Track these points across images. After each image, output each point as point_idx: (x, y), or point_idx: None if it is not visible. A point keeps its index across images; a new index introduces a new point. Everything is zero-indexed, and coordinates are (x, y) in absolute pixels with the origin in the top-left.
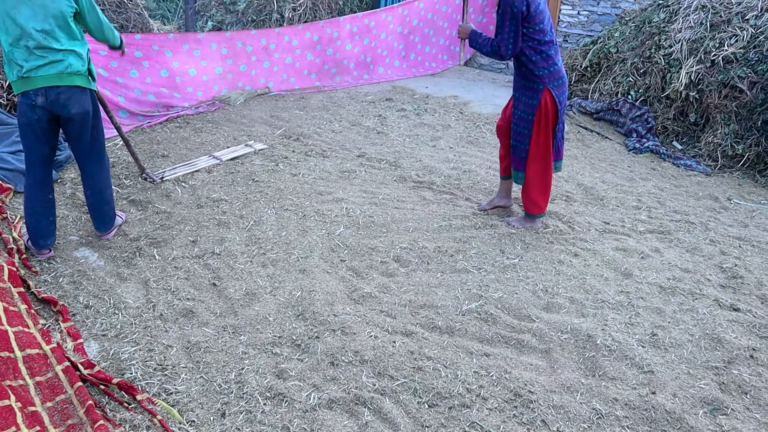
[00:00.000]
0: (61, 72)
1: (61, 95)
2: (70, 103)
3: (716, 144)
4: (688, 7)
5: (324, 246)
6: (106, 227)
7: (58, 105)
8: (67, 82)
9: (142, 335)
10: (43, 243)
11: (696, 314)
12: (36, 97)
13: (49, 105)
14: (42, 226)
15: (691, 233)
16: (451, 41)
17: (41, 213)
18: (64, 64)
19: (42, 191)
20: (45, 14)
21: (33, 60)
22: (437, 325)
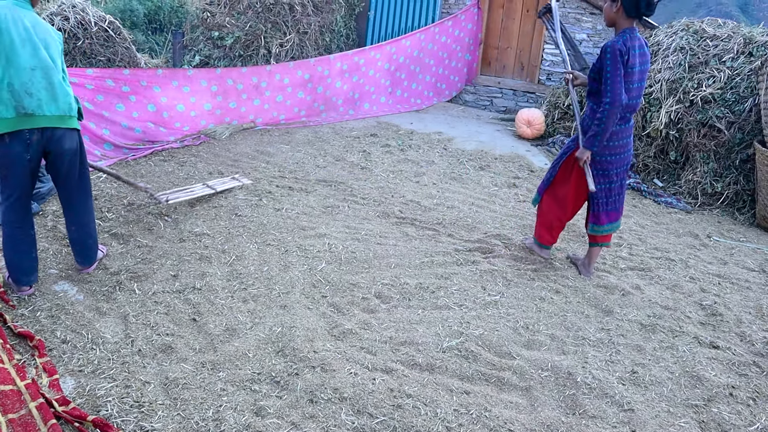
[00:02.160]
0: (62, 116)
1: (56, 132)
2: (64, 140)
3: (696, 182)
4: (667, 48)
5: (305, 281)
6: (89, 261)
7: (53, 141)
8: (67, 125)
9: (120, 371)
10: (25, 280)
11: (676, 352)
12: (32, 135)
13: (45, 142)
14: (24, 263)
15: (671, 270)
16: (437, 78)
17: (24, 251)
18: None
19: (23, 228)
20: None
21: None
22: (418, 362)
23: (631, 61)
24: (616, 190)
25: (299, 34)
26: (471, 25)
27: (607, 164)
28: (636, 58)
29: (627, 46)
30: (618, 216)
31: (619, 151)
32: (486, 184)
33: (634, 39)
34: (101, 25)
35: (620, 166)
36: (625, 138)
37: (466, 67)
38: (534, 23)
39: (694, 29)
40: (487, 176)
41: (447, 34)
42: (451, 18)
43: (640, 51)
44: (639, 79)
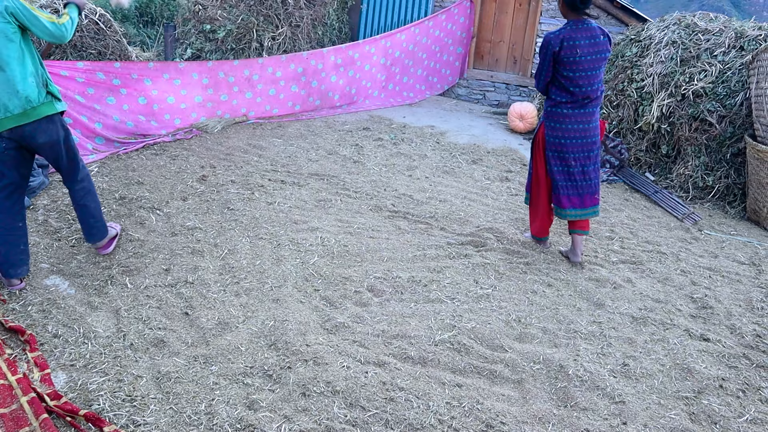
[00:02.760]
0: (24, 110)
1: (26, 129)
2: (36, 134)
3: (687, 175)
4: (659, 42)
5: (298, 275)
6: (95, 239)
7: (25, 138)
8: (33, 117)
9: (112, 365)
10: (13, 272)
11: (667, 344)
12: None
13: (16, 138)
14: (12, 255)
15: (662, 263)
16: (429, 72)
17: (11, 242)
18: (24, 99)
19: (10, 219)
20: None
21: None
22: (410, 355)
23: (568, 53)
24: (577, 176)
25: (291, 28)
26: (464, 19)
27: (562, 147)
28: (582, 48)
29: (563, 37)
30: (586, 203)
31: (574, 135)
32: (478, 177)
33: (578, 30)
34: (92, 18)
35: (579, 151)
36: (582, 123)
37: (458, 60)
38: (527, 17)
39: (686, 23)
40: (479, 170)
41: (441, 27)
42: (444, 11)
43: (589, 42)
44: (590, 68)
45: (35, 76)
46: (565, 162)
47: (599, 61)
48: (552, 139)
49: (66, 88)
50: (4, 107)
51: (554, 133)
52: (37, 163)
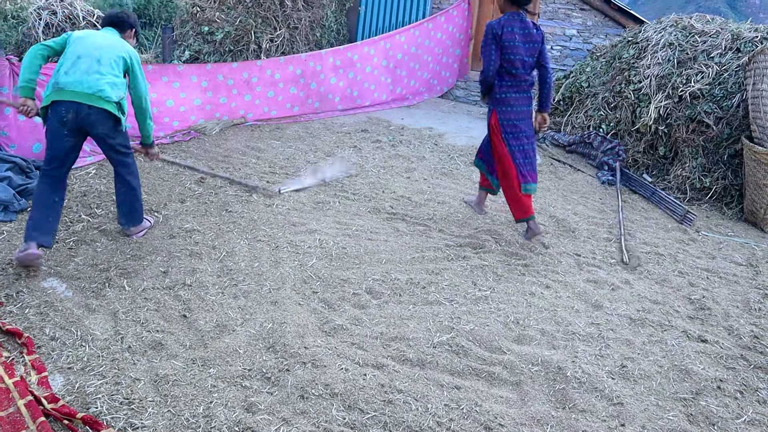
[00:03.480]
0: (92, 94)
1: (88, 112)
2: (97, 123)
3: (685, 177)
4: (656, 44)
5: (296, 277)
6: (126, 223)
7: (85, 122)
8: (96, 103)
9: (109, 368)
10: (35, 236)
11: (665, 346)
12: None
13: (78, 121)
14: (40, 222)
15: (660, 265)
16: (431, 74)
17: (43, 212)
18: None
19: (49, 193)
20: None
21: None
22: (408, 357)
23: (509, 37)
24: (530, 153)
25: (289, 29)
26: (462, 21)
27: (517, 127)
28: (517, 36)
29: (502, 25)
30: (535, 177)
31: (522, 117)
32: (476, 179)
33: (514, 21)
34: (89, 20)
35: (528, 130)
36: (525, 106)
37: (457, 62)
38: None
39: (683, 25)
40: (477, 172)
41: (441, 29)
42: (443, 13)
43: (522, 31)
44: (526, 55)
45: (117, 91)
46: (520, 141)
47: (533, 50)
48: (506, 122)
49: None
50: (81, 83)
51: (507, 116)
52: (35, 165)
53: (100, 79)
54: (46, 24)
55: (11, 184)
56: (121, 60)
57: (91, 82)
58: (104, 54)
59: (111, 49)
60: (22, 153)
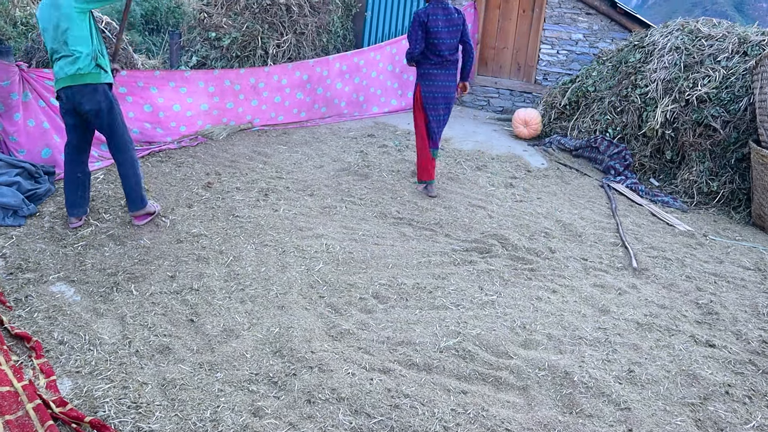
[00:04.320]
0: (74, 74)
1: (74, 92)
2: (83, 101)
3: (692, 181)
4: (662, 48)
5: (303, 282)
6: (132, 207)
7: (75, 102)
8: (79, 81)
9: (117, 372)
10: (73, 211)
11: (672, 350)
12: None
13: (71, 101)
14: (71, 197)
15: (667, 269)
16: None
17: (71, 188)
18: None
19: (72, 169)
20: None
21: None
22: (415, 362)
23: (434, 24)
24: (443, 122)
25: (296, 35)
26: (469, 25)
27: (435, 100)
28: (439, 22)
29: (428, 14)
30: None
31: (443, 91)
32: (483, 184)
33: (437, 10)
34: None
35: (444, 102)
36: (446, 81)
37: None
38: (530, 23)
39: (690, 29)
40: (484, 176)
41: None
42: None
43: (444, 18)
44: (447, 37)
45: (90, 50)
46: (437, 112)
47: (455, 32)
48: (428, 95)
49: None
50: (61, 70)
51: (429, 89)
52: (44, 170)
53: (70, 58)
54: None
55: (20, 189)
56: (72, 17)
57: (64, 65)
58: (60, 25)
59: (60, 19)
60: (31, 158)
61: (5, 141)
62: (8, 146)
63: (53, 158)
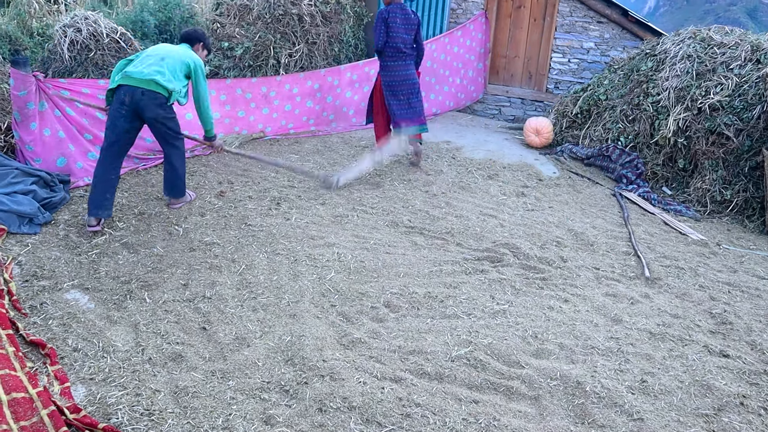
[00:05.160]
0: (147, 80)
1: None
2: (146, 108)
3: (705, 189)
4: (674, 56)
5: (315, 291)
6: (170, 194)
7: (138, 106)
8: (149, 86)
9: (130, 379)
10: (95, 212)
11: (686, 360)
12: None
13: (133, 105)
14: (98, 198)
15: (680, 279)
16: (456, 88)
17: (101, 189)
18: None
19: (106, 171)
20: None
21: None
22: (426, 371)
23: (393, 20)
24: (405, 105)
25: (308, 45)
26: (481, 35)
27: (394, 87)
28: (398, 20)
29: (389, 12)
30: (416, 122)
31: (402, 79)
32: (494, 193)
33: (396, 10)
34: (113, 37)
35: (404, 89)
36: (403, 71)
37: (480, 76)
38: (541, 32)
39: (702, 37)
40: (495, 185)
41: (458, 44)
42: (460, 28)
43: (402, 17)
44: (403, 33)
45: (171, 84)
46: (397, 97)
47: (410, 30)
48: (388, 83)
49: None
50: (141, 73)
51: (388, 79)
52: (59, 178)
53: (158, 72)
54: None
55: (36, 198)
56: (184, 65)
57: (150, 72)
58: (169, 56)
59: (177, 54)
60: (46, 167)
61: (22, 150)
62: (24, 155)
63: (68, 167)
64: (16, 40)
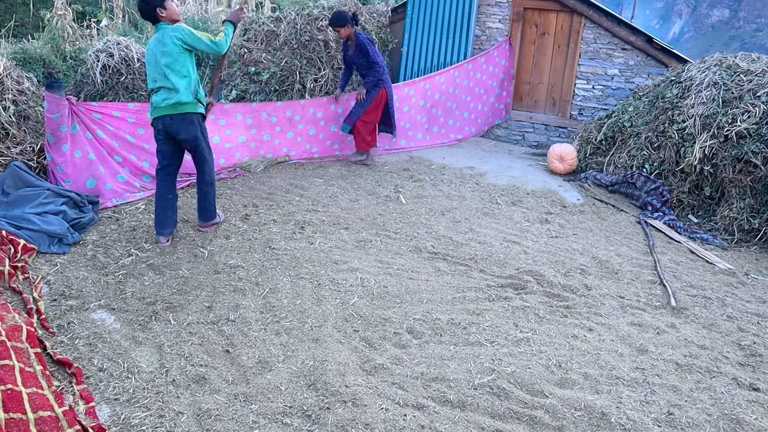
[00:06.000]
0: (173, 104)
1: (172, 121)
2: (180, 130)
3: (732, 218)
4: (700, 83)
5: (338, 315)
6: (202, 218)
7: (170, 130)
8: (177, 111)
9: (154, 400)
10: (161, 231)
11: (714, 393)
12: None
13: (167, 129)
14: (161, 217)
15: (707, 309)
16: (476, 114)
17: (162, 208)
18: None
19: (164, 191)
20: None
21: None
22: (449, 398)
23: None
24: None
25: (333, 70)
26: (504, 61)
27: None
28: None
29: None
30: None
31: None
32: (518, 219)
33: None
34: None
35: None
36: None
37: (500, 102)
38: (565, 59)
39: (728, 64)
40: (519, 211)
41: (481, 70)
42: (484, 54)
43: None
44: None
45: (186, 85)
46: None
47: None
48: (390, 93)
49: (117, 127)
50: (161, 101)
51: (390, 90)
52: (88, 199)
53: (168, 89)
54: (103, 66)
55: (65, 218)
56: (176, 50)
57: (163, 96)
58: (161, 61)
59: (163, 51)
60: (76, 188)
61: (53, 171)
62: (56, 176)
63: (97, 188)
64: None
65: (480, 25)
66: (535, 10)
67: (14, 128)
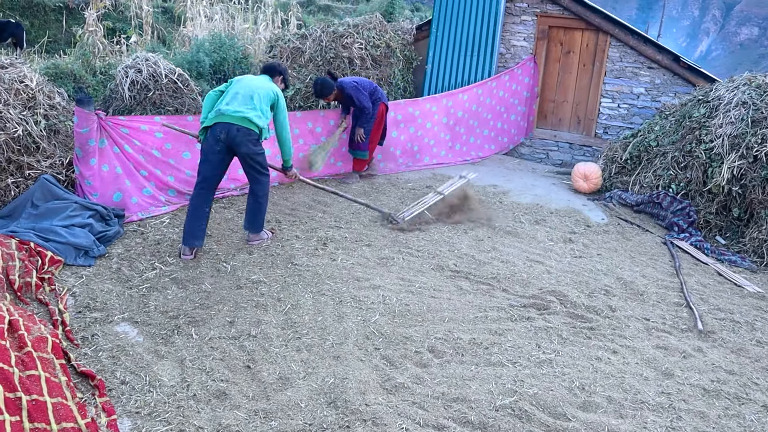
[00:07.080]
0: (241, 117)
1: (236, 133)
2: (241, 144)
3: (762, 240)
4: (728, 103)
5: (359, 333)
6: (250, 228)
7: (233, 142)
8: (243, 123)
9: (175, 415)
10: (190, 242)
11: (743, 420)
12: (221, 133)
13: (228, 141)
14: (193, 228)
15: (736, 333)
16: (496, 132)
17: (195, 219)
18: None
19: (200, 204)
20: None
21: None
22: (470, 419)
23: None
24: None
25: None
26: (528, 79)
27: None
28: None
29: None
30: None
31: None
32: (541, 238)
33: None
34: (171, 77)
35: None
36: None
37: (524, 120)
38: (590, 77)
39: (757, 83)
40: (542, 230)
41: (504, 88)
42: (507, 72)
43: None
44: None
45: (261, 120)
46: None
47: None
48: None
49: (144, 142)
50: (236, 111)
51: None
52: (114, 212)
53: (251, 109)
54: (132, 81)
55: (92, 231)
56: (268, 98)
57: (243, 110)
58: (257, 92)
59: (263, 90)
60: (103, 201)
61: (81, 184)
62: (83, 189)
63: (123, 202)
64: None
65: (505, 43)
66: (561, 28)
67: (45, 142)
